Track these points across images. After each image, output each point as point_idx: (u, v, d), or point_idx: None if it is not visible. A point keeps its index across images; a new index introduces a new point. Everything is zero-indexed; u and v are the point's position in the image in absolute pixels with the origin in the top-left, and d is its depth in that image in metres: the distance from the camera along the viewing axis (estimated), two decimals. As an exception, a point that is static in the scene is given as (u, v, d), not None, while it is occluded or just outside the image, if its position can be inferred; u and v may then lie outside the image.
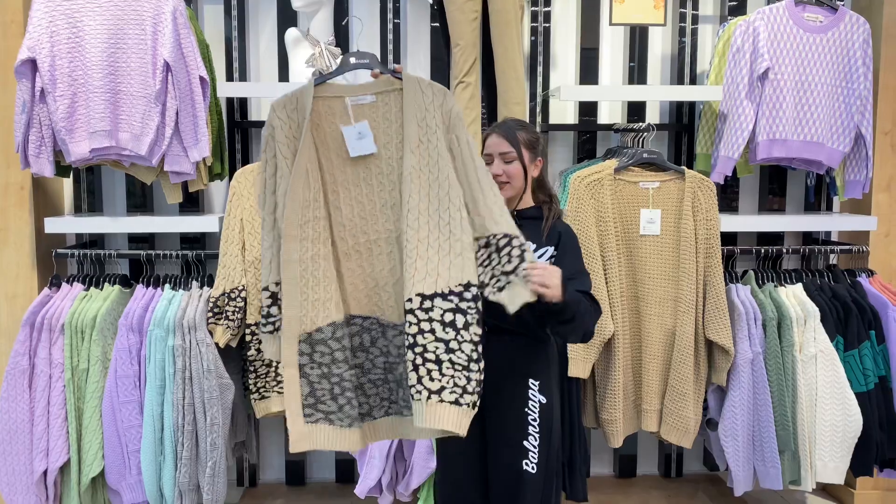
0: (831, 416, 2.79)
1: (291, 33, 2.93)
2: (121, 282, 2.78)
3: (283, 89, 2.95)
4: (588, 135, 3.29)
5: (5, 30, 2.78)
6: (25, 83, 2.56)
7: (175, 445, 2.60)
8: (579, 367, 2.68)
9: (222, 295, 2.63)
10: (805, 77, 2.91)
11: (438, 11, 3.03)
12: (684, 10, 3.19)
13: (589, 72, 3.27)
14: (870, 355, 2.85)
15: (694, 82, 3.21)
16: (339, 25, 3.10)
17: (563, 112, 3.30)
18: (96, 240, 3.14)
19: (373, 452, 2.73)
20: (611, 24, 2.98)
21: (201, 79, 2.65)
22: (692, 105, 3.24)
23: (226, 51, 3.07)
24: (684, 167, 2.79)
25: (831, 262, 3.24)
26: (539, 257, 2.07)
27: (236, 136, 3.10)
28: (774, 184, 3.38)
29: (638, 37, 3.21)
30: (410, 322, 1.81)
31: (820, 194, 3.38)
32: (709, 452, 3.26)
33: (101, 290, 2.73)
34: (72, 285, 2.75)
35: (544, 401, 2.09)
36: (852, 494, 3.22)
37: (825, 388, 2.79)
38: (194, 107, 2.65)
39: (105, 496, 2.70)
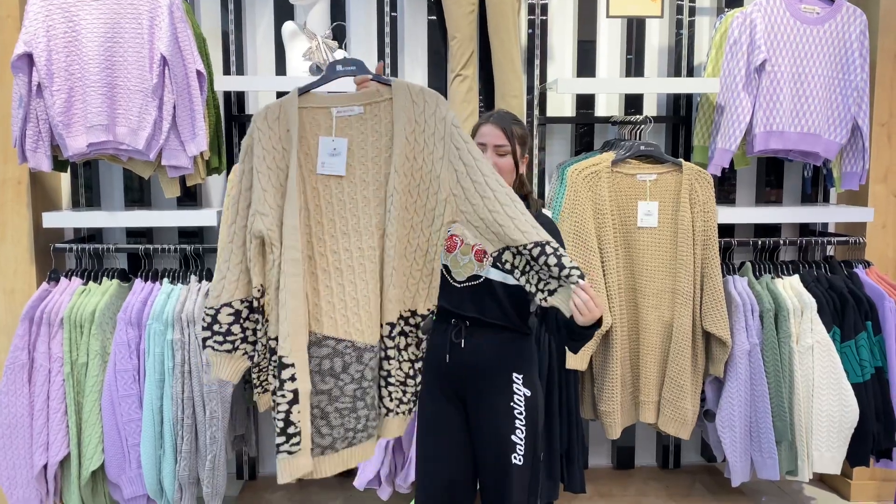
0: (828, 406, 2.81)
1: (288, 27, 2.93)
2: (119, 276, 2.79)
3: (280, 83, 2.96)
4: (585, 127, 3.29)
5: (1, 24, 2.78)
6: (22, 78, 2.55)
7: (175, 439, 2.60)
8: (577, 359, 2.69)
9: (221, 289, 2.63)
10: (802, 69, 2.91)
11: (435, 4, 3.02)
12: (681, 2, 3.19)
13: (586, 64, 3.26)
14: (866, 346, 2.86)
15: (691, 74, 3.21)
16: (334, 20, 3.10)
17: (561, 105, 3.30)
18: (94, 234, 3.14)
19: (372, 445, 2.74)
20: (608, 17, 2.98)
21: (198, 73, 2.65)
22: (689, 97, 3.24)
23: (223, 44, 3.07)
24: (682, 159, 2.79)
25: (828, 254, 3.25)
26: None
27: (234, 129, 3.10)
28: (771, 175, 3.39)
29: (635, 29, 3.21)
30: (383, 347, 1.85)
31: (817, 186, 3.38)
32: (706, 444, 3.28)
33: (100, 284, 2.74)
34: (70, 280, 2.75)
35: (529, 394, 2.10)
36: (849, 484, 3.24)
37: (822, 379, 2.80)
38: (191, 101, 2.64)
39: (105, 490, 2.71)
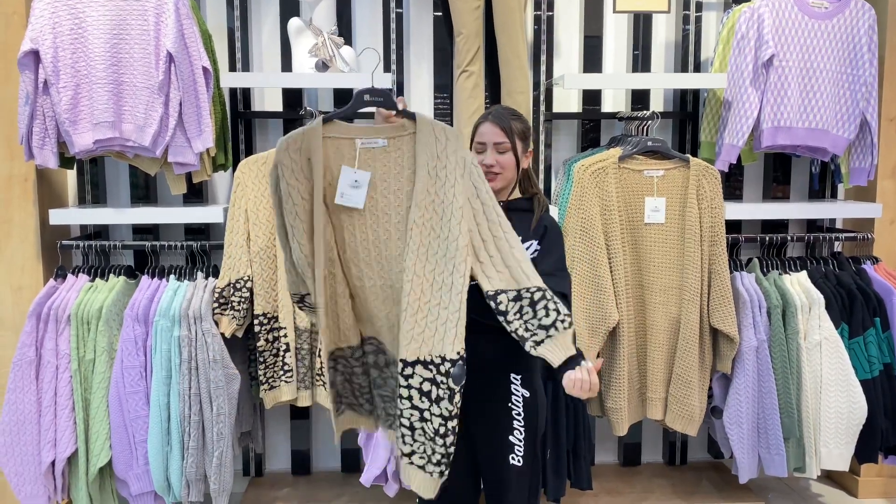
0: (836, 403, 2.80)
1: (294, 23, 2.93)
2: (126, 273, 2.79)
3: (286, 79, 2.96)
4: (592, 123, 3.28)
5: (7, 21, 2.78)
6: (28, 75, 2.56)
7: (182, 435, 2.61)
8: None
9: (228, 285, 2.63)
10: (810, 64, 2.89)
11: (441, 1, 3.02)
12: (688, -3, 3.18)
13: (592, 60, 3.25)
14: (875, 342, 2.85)
15: (698, 70, 3.19)
16: (340, 16, 3.09)
17: (567, 101, 3.29)
18: (100, 231, 3.14)
19: (378, 441, 2.74)
20: (614, 12, 2.97)
21: (204, 69, 2.64)
22: (696, 93, 3.22)
23: (228, 41, 3.07)
24: (689, 155, 2.78)
25: (836, 250, 3.23)
26: (525, 251, 2.06)
27: (240, 126, 3.09)
28: (779, 171, 3.37)
29: (642, 24, 3.20)
30: (400, 383, 1.85)
31: (824, 181, 3.37)
32: (713, 440, 3.27)
33: (107, 281, 2.74)
34: (77, 276, 2.76)
35: (528, 394, 2.10)
36: (857, 481, 3.23)
37: (830, 376, 2.79)
38: (197, 97, 2.64)
39: (112, 486, 2.72)
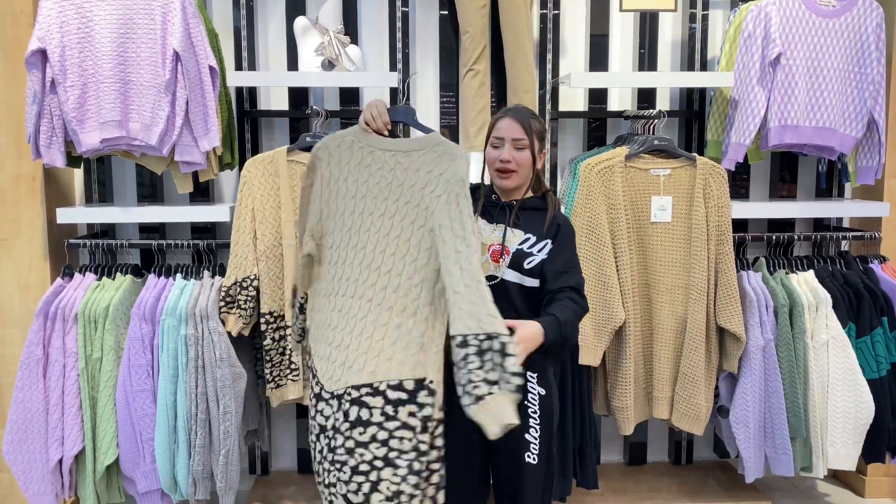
0: (843, 402, 2.79)
1: (300, 22, 2.93)
2: (132, 271, 2.80)
3: (293, 78, 2.96)
4: (598, 122, 3.28)
5: (14, 20, 2.79)
6: (36, 74, 2.56)
7: (188, 434, 2.61)
8: (590, 355, 2.68)
9: (234, 284, 2.64)
10: (817, 62, 2.88)
11: (447, -1, 3.02)
12: (695, -5, 3.17)
13: (599, 59, 3.25)
14: (882, 342, 2.84)
15: (705, 68, 3.19)
16: (346, 15, 3.09)
17: (573, 99, 3.29)
18: (107, 230, 3.15)
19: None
20: (621, 11, 2.96)
21: (211, 68, 2.65)
22: (703, 91, 3.21)
23: (234, 40, 3.07)
24: (695, 154, 2.78)
25: (843, 249, 3.22)
26: (539, 250, 2.08)
27: (246, 125, 3.10)
28: (786, 170, 3.36)
29: (648, 23, 3.19)
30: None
31: (831, 180, 3.36)
32: (719, 439, 3.26)
33: (114, 279, 2.75)
34: (84, 275, 2.76)
35: (543, 392, 2.10)
36: (863, 481, 3.22)
37: (837, 375, 2.79)
38: (204, 96, 2.65)
39: (120, 484, 2.72)
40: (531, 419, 2.08)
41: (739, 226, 3.17)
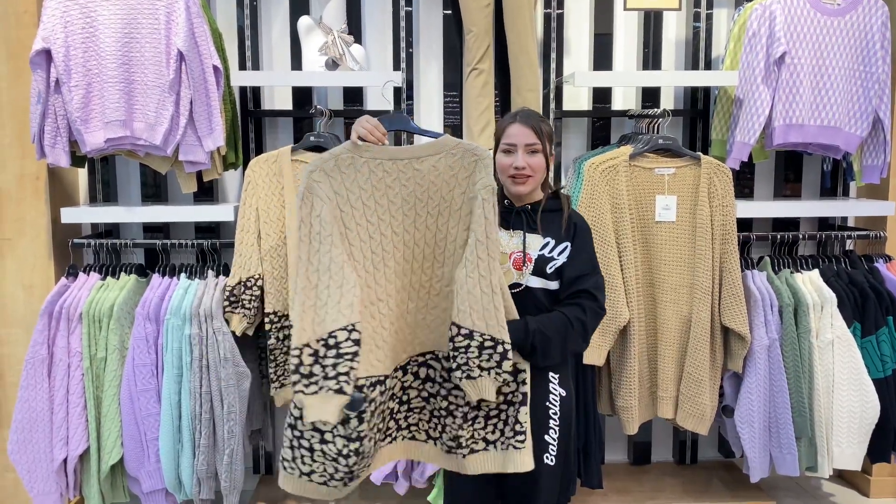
0: (848, 402, 2.78)
1: (304, 21, 2.93)
2: (137, 271, 2.80)
3: (296, 78, 2.96)
4: (602, 121, 3.27)
5: (19, 20, 2.79)
6: (40, 74, 2.56)
7: (193, 433, 2.62)
8: (594, 354, 2.67)
9: (238, 284, 2.64)
10: (822, 61, 2.87)
11: (451, -2, 3.02)
12: (699, -6, 3.16)
13: (603, 58, 3.24)
14: (888, 341, 2.83)
15: (709, 67, 3.18)
16: (350, 14, 3.09)
17: (577, 98, 3.28)
18: (111, 229, 3.15)
19: (388, 440, 2.74)
20: (625, 9, 2.96)
21: (215, 68, 2.65)
22: (707, 90, 3.21)
23: (238, 40, 3.07)
24: (700, 153, 2.77)
25: (848, 248, 3.22)
26: (559, 253, 2.05)
27: (250, 125, 3.10)
28: (790, 169, 3.36)
29: (652, 22, 3.18)
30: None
31: (836, 179, 3.35)
32: (724, 439, 3.25)
33: (118, 279, 2.75)
34: (88, 275, 2.77)
35: (564, 394, 2.09)
36: (868, 481, 3.21)
37: (842, 375, 2.78)
38: (208, 96, 2.65)
39: (124, 483, 2.73)
40: (552, 420, 2.05)
41: (744, 225, 3.17)
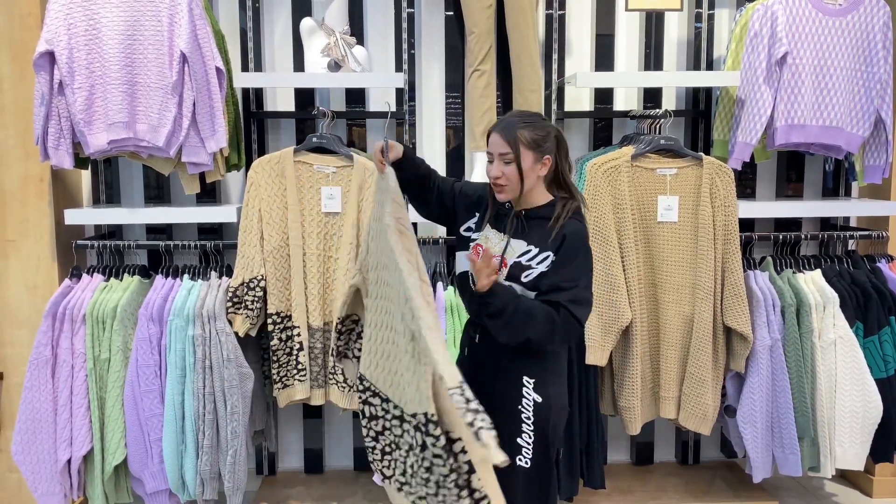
0: (851, 402, 2.78)
1: (306, 23, 2.93)
2: (140, 272, 2.81)
3: (299, 79, 2.96)
4: (604, 122, 3.27)
5: (22, 22, 2.80)
6: (44, 76, 2.57)
7: (196, 434, 2.62)
8: (597, 355, 2.68)
9: (241, 285, 2.64)
10: (824, 61, 2.88)
11: (453, 0, 3.02)
12: (701, -6, 3.17)
13: (604, 58, 3.25)
14: (890, 341, 2.83)
15: (711, 68, 3.18)
16: (352, 16, 3.09)
17: (579, 99, 3.29)
18: (115, 231, 3.16)
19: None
20: (626, 10, 2.96)
21: (217, 69, 2.66)
22: (709, 91, 3.21)
23: (241, 41, 3.08)
24: (702, 153, 2.77)
25: (850, 248, 3.22)
26: (539, 262, 1.98)
27: (252, 126, 3.11)
28: (792, 169, 3.36)
29: (654, 22, 3.19)
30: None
31: (838, 179, 3.35)
32: (726, 439, 3.25)
33: (121, 280, 2.76)
34: (92, 276, 2.78)
35: (539, 399, 2.03)
36: (871, 481, 3.21)
37: (845, 375, 2.78)
38: (211, 98, 2.65)
39: (128, 484, 2.73)
40: (524, 424, 2.04)
41: (746, 225, 3.17)
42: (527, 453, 2.04)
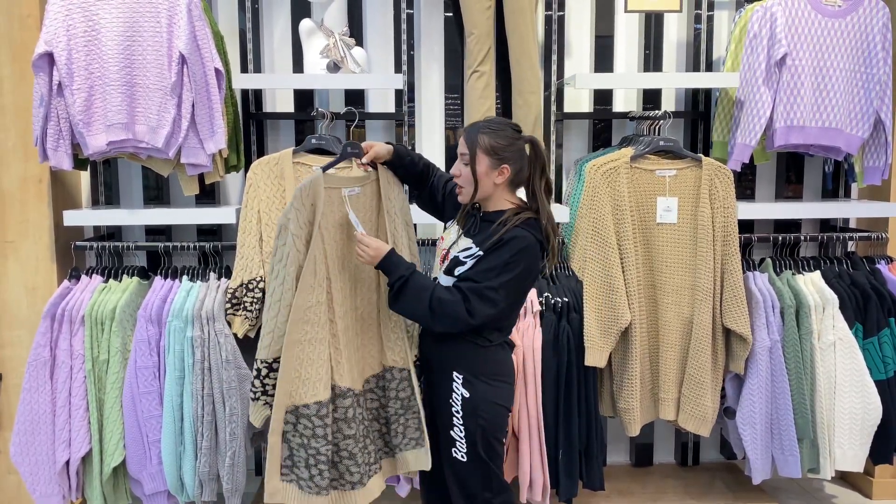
0: (850, 403, 2.78)
1: (305, 24, 2.93)
2: (139, 273, 2.80)
3: (298, 80, 2.96)
4: (603, 123, 3.27)
5: (22, 23, 2.80)
6: (43, 77, 2.57)
7: (195, 435, 2.62)
8: (596, 356, 2.67)
9: (240, 286, 2.64)
10: (823, 62, 2.88)
11: (452, 1, 3.02)
12: (700, -4, 3.17)
13: (604, 60, 3.25)
14: (889, 343, 2.83)
15: (710, 69, 3.18)
16: (351, 17, 3.09)
17: (578, 101, 3.29)
18: (113, 232, 3.16)
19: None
20: (626, 11, 2.97)
21: (216, 71, 2.65)
22: (708, 92, 3.21)
23: (240, 42, 3.08)
24: (701, 155, 2.77)
25: (850, 250, 3.21)
26: (471, 258, 2.10)
27: (251, 127, 3.10)
28: (792, 171, 3.36)
29: (653, 24, 3.19)
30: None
31: (838, 181, 3.35)
32: (726, 441, 3.25)
33: (120, 281, 2.75)
34: (91, 277, 2.77)
35: (467, 395, 2.15)
36: (871, 482, 3.21)
37: (844, 376, 2.78)
38: (210, 99, 2.65)
39: (126, 485, 2.73)
40: (454, 418, 2.16)
41: (745, 226, 3.17)
42: (461, 447, 2.17)
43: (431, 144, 3.26)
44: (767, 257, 2.98)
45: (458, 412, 2.15)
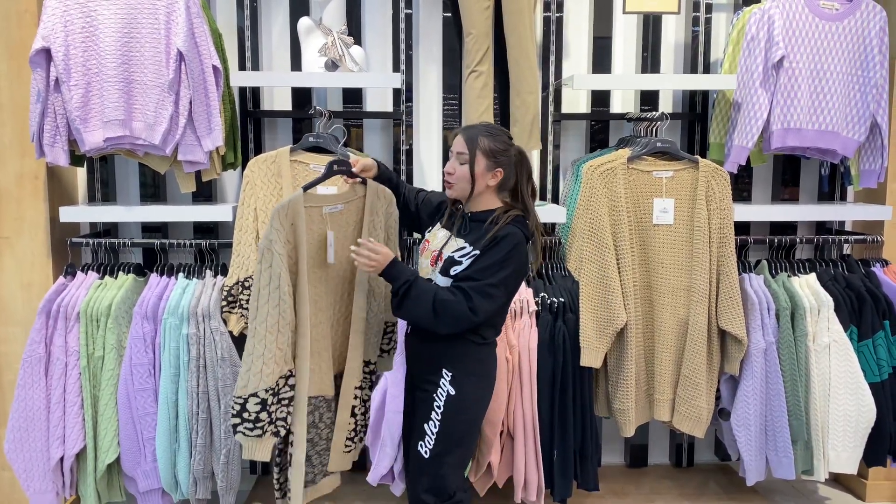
0: (845, 406, 2.79)
1: (304, 22, 2.93)
2: (135, 270, 2.80)
3: (296, 78, 2.96)
4: (600, 124, 3.28)
5: (19, 19, 2.79)
6: (40, 73, 2.57)
7: (189, 433, 2.62)
8: (591, 357, 2.68)
9: (236, 283, 2.64)
10: (820, 65, 2.88)
11: (451, 1, 3.02)
12: (698, -2, 3.17)
13: (602, 61, 3.25)
14: (884, 345, 2.84)
15: (707, 71, 3.19)
16: (350, 16, 3.10)
17: (576, 101, 3.29)
18: (110, 229, 3.15)
19: (385, 441, 2.74)
20: (624, 13, 2.97)
21: (214, 68, 2.65)
22: (705, 94, 3.22)
23: (238, 40, 3.08)
24: (698, 156, 2.78)
25: (845, 252, 3.22)
26: (467, 258, 2.14)
27: (249, 125, 3.10)
28: (788, 173, 3.37)
29: (651, 25, 3.19)
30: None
31: (834, 183, 3.36)
32: (720, 442, 3.26)
33: (116, 278, 2.75)
34: (86, 274, 2.77)
35: (453, 392, 2.18)
36: (864, 485, 3.21)
37: (839, 378, 2.78)
38: (207, 96, 2.65)
39: (120, 482, 2.72)
40: (434, 412, 2.19)
41: (741, 228, 3.17)
42: (428, 442, 2.20)
43: (429, 144, 3.26)
44: (763, 259, 2.99)
45: (439, 407, 2.18)
